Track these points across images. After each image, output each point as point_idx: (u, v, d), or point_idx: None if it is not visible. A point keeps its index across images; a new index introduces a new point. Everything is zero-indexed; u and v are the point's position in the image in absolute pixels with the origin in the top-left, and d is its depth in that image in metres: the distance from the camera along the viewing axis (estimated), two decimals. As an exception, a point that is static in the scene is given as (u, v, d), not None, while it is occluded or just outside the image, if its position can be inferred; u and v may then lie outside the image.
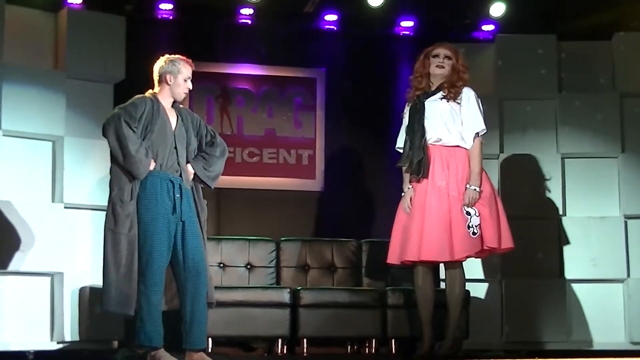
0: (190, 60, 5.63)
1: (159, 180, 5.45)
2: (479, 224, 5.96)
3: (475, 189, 5.99)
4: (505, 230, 6.09)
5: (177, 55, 5.63)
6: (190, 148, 5.62)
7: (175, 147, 5.54)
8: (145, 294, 5.38)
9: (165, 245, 5.43)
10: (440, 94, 6.13)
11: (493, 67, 7.74)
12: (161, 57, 5.63)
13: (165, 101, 5.58)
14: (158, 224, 5.41)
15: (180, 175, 5.53)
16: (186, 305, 5.48)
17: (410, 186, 6.13)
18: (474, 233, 5.94)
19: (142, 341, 5.42)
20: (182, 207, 5.49)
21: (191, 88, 5.65)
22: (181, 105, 5.71)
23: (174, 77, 5.55)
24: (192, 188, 5.62)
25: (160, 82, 5.58)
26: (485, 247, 6.01)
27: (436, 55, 6.17)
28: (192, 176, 5.61)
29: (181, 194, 5.50)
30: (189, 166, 5.60)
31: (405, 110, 6.28)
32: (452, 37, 7.14)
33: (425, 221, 5.97)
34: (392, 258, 6.16)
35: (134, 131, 5.37)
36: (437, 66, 6.15)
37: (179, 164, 5.54)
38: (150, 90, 5.60)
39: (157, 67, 5.60)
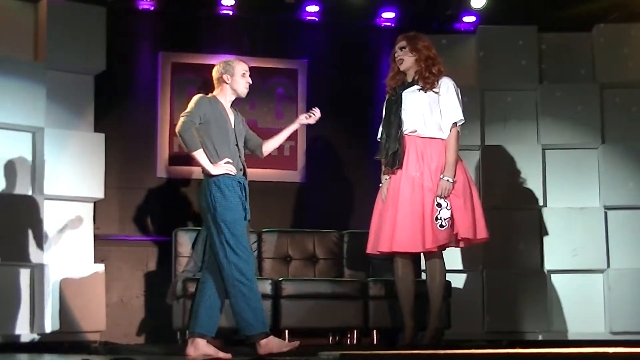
0: (243, 59, 5.78)
1: (231, 182, 5.49)
2: (449, 217, 5.93)
3: (448, 180, 5.94)
4: (480, 221, 6.05)
5: (229, 57, 5.77)
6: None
7: (237, 145, 5.59)
8: (249, 287, 5.44)
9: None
10: (416, 86, 6.11)
11: (474, 58, 7.76)
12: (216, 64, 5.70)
13: (225, 100, 5.64)
14: (239, 225, 5.47)
15: (244, 174, 5.60)
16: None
17: (387, 177, 6.13)
18: (441, 226, 5.89)
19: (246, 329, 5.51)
20: (246, 206, 5.57)
21: (251, 82, 5.72)
22: None
23: (231, 75, 5.63)
24: None
25: (219, 84, 5.65)
26: (459, 238, 6.01)
27: (395, 52, 6.17)
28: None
29: (246, 195, 5.56)
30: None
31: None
32: (433, 28, 7.17)
33: (398, 212, 5.95)
34: (370, 248, 6.17)
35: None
36: (397, 62, 6.15)
37: (241, 161, 5.57)
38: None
39: (214, 73, 5.68)
